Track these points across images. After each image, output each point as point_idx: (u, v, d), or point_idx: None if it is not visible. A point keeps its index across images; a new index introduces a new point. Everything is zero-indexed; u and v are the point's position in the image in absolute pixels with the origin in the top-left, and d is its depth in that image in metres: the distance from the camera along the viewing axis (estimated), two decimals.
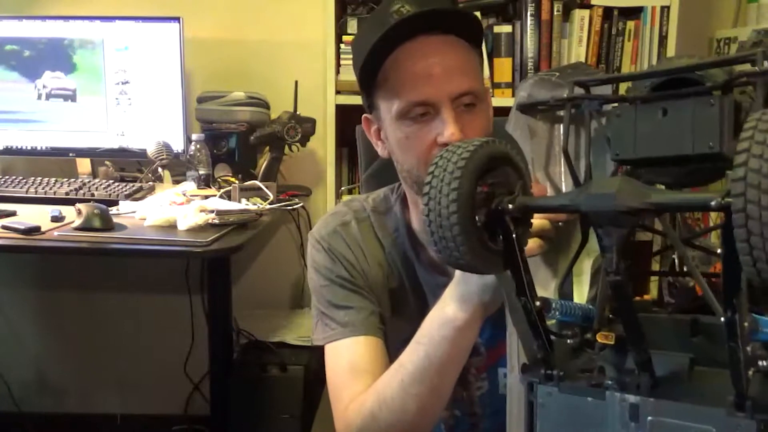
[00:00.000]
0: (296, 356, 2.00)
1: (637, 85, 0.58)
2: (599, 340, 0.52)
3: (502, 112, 0.87)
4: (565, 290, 0.64)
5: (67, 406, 2.53)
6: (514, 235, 0.54)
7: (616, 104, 0.59)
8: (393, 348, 1.03)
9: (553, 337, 0.56)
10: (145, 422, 2.49)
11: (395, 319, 1.05)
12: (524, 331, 0.57)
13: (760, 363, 0.46)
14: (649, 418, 0.48)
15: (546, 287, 0.67)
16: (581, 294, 0.63)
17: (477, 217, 0.54)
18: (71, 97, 2.14)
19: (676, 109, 0.53)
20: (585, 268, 0.63)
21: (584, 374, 0.54)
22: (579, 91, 0.62)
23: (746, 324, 0.44)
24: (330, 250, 1.05)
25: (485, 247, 0.55)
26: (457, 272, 0.82)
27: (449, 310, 0.83)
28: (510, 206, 0.54)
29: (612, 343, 0.51)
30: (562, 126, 0.66)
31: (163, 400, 2.47)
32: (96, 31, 2.12)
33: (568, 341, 0.56)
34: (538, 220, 0.66)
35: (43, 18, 2.14)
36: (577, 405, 0.52)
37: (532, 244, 0.69)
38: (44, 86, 2.14)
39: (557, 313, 0.55)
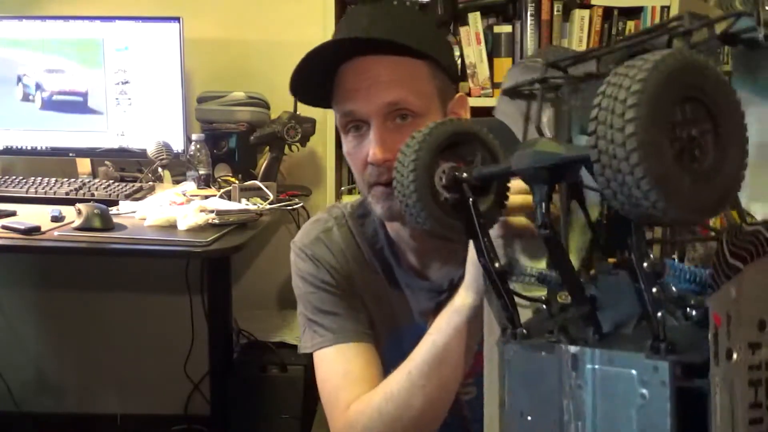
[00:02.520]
0: (296, 356, 2.00)
1: (606, 61, 0.61)
2: (559, 300, 0.56)
3: None
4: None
5: (67, 406, 2.53)
6: (470, 200, 0.59)
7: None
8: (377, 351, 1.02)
9: (525, 302, 0.61)
10: (145, 422, 2.49)
11: (377, 322, 1.05)
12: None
13: (691, 312, 0.49)
14: (587, 366, 0.51)
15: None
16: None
17: (442, 187, 0.60)
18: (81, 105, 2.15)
19: None
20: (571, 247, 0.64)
21: (547, 334, 0.57)
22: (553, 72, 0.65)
23: (646, 264, 0.47)
24: (314, 257, 1.06)
25: (449, 215, 0.60)
26: (468, 260, 0.82)
27: (458, 299, 0.83)
28: (465, 175, 0.59)
29: (569, 302, 0.55)
30: (534, 105, 0.69)
31: (163, 400, 2.47)
32: (96, 31, 2.13)
33: (543, 306, 0.60)
34: (516, 197, 0.68)
35: (43, 18, 2.14)
36: (535, 360, 0.56)
37: (520, 220, 0.71)
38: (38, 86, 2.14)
39: (512, 275, 0.60)
